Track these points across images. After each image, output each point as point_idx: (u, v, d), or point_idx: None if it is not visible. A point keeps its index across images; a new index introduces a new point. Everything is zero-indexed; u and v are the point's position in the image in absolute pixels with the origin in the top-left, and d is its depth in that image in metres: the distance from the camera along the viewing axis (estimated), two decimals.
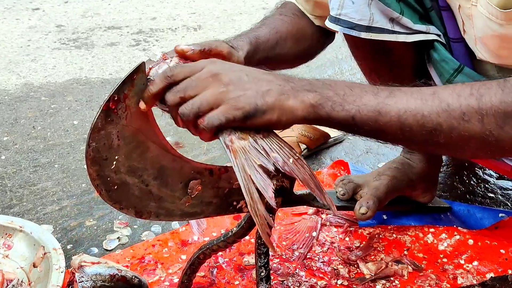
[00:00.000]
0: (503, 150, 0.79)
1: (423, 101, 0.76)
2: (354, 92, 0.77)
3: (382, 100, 0.76)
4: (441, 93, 0.77)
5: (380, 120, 0.76)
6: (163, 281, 1.19)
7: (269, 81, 0.76)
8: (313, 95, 0.76)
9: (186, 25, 2.97)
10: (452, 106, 0.75)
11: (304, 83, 0.78)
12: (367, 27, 1.08)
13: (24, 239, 1.21)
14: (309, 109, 0.76)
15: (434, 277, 1.21)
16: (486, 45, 1.01)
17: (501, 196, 1.55)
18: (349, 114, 0.76)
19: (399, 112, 0.76)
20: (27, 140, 1.81)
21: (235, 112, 0.74)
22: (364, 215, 1.21)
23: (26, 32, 2.78)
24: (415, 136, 0.78)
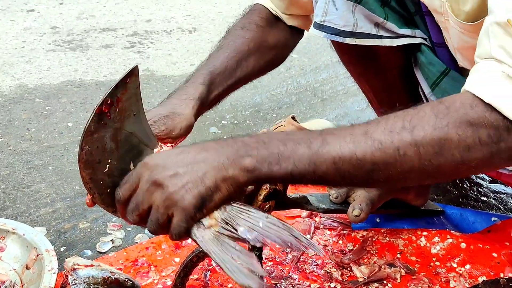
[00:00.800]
0: (446, 175, 0.80)
1: (355, 144, 0.76)
2: (288, 147, 0.77)
3: (315, 151, 0.76)
4: (374, 132, 0.76)
5: (317, 170, 0.77)
6: (156, 284, 1.19)
7: (202, 161, 0.76)
8: (249, 160, 0.76)
9: (181, 27, 2.97)
10: (385, 143, 0.75)
11: (238, 147, 0.77)
12: (352, 32, 1.09)
13: (17, 241, 1.21)
14: (249, 175, 0.77)
15: (427, 280, 1.21)
16: (463, 55, 1.03)
17: (493, 199, 1.56)
18: (286, 171, 0.77)
19: (333, 160, 0.76)
20: (21, 142, 1.81)
21: (188, 211, 0.75)
22: (357, 217, 1.21)
23: (20, 33, 2.78)
24: (355, 178, 0.78)
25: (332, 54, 1.39)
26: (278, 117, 2.00)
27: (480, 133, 0.72)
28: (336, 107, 2.17)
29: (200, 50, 2.69)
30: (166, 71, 2.43)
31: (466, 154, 0.74)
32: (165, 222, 0.77)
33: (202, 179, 0.75)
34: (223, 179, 0.76)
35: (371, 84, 1.24)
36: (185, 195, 0.75)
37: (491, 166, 0.80)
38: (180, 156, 0.78)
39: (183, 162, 0.77)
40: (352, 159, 0.76)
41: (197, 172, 0.75)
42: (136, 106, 0.79)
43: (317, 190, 1.51)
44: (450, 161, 0.74)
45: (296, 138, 0.78)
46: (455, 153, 0.74)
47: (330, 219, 1.39)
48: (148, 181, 0.76)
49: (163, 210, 0.76)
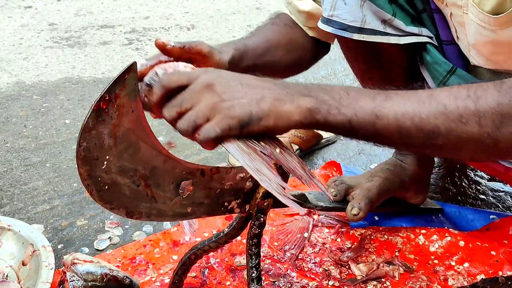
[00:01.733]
0: (500, 152, 0.79)
1: (420, 104, 0.76)
2: (351, 95, 0.77)
3: (379, 103, 0.76)
4: (438, 95, 0.77)
5: (377, 123, 0.76)
6: (154, 281, 1.18)
7: (263, 87, 0.76)
8: (309, 99, 0.76)
9: (179, 24, 2.97)
10: (450, 108, 0.75)
11: (300, 88, 0.77)
12: (360, 28, 1.08)
13: (13, 237, 1.20)
14: (306, 113, 0.76)
15: (425, 278, 1.21)
16: (480, 52, 1.02)
17: (492, 197, 1.56)
18: (345, 117, 0.76)
19: (396, 115, 0.76)
20: (18, 139, 1.80)
21: (230, 121, 0.73)
22: (356, 216, 1.21)
23: (18, 30, 2.77)
24: (412, 139, 0.77)
25: (331, 51, 1.38)
26: None
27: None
28: None
29: None
30: None
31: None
32: (201, 124, 0.74)
33: (258, 101, 0.74)
34: (277, 110, 0.74)
35: (375, 82, 1.24)
36: (235, 106, 0.73)
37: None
38: (243, 76, 0.77)
39: (244, 81, 0.76)
40: (415, 118, 0.75)
41: (256, 93, 0.74)
42: (134, 103, 0.78)
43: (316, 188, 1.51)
44: (507, 138, 0.75)
45: (359, 89, 0.78)
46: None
47: (328, 217, 1.39)
48: (204, 83, 0.75)
49: (206, 112, 0.74)
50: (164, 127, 1.89)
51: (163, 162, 0.84)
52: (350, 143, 1.84)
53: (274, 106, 0.74)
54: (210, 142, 0.75)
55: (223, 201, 0.92)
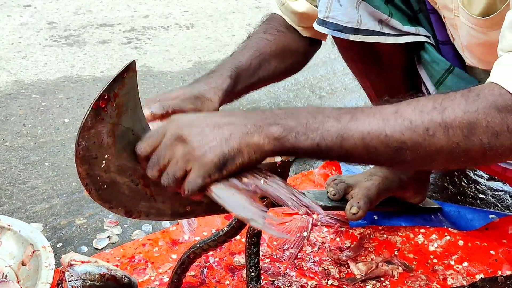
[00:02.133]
0: (473, 160, 0.79)
1: (385, 121, 0.76)
2: (317, 119, 0.77)
3: (344, 125, 0.77)
4: (404, 110, 0.76)
5: (344, 145, 0.77)
6: (153, 280, 1.18)
7: (230, 124, 0.76)
8: (276, 128, 0.76)
9: (179, 23, 2.96)
10: (415, 122, 0.75)
11: (267, 116, 0.78)
12: (355, 29, 1.08)
13: (13, 237, 1.20)
14: (275, 143, 0.77)
15: (424, 277, 1.21)
16: (472, 52, 1.02)
17: (491, 197, 1.56)
18: (313, 142, 0.76)
19: (362, 135, 0.76)
20: (17, 137, 1.80)
21: (207, 168, 0.75)
22: (355, 215, 1.21)
23: (17, 28, 2.76)
24: (381, 156, 0.78)
25: (330, 50, 1.38)
26: None
27: (508, 120, 0.73)
28: (334, 104, 2.17)
29: (198, 46, 2.68)
30: (163, 67, 2.42)
31: (493, 140, 0.74)
32: (181, 177, 0.76)
33: (227, 140, 0.75)
34: (248, 144, 0.76)
35: (373, 82, 1.24)
36: (207, 152, 0.75)
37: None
38: (207, 117, 0.78)
39: (210, 123, 0.77)
40: (381, 136, 0.76)
41: (223, 133, 0.75)
42: (133, 101, 0.78)
43: (315, 187, 1.51)
44: (477, 146, 0.75)
45: (325, 111, 0.78)
46: (483, 138, 0.74)
47: (327, 216, 1.39)
48: (173, 136, 0.76)
49: (182, 164, 0.75)
50: None
51: None
52: None
53: (244, 141, 0.76)
54: (197, 193, 0.77)
55: None
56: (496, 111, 0.74)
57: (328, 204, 1.24)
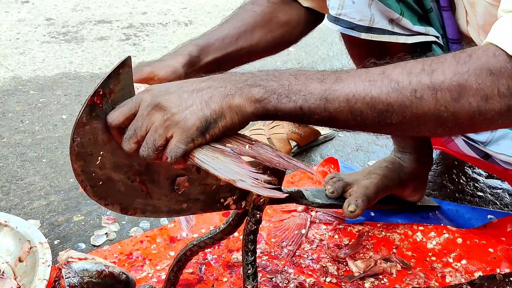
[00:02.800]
0: (462, 125, 0.76)
1: (371, 83, 0.73)
2: (299, 81, 0.74)
3: (329, 87, 0.74)
4: (391, 72, 0.74)
5: (328, 107, 0.74)
6: (151, 277, 1.18)
7: (209, 87, 0.73)
8: (257, 89, 0.73)
9: (177, 20, 2.96)
10: (402, 84, 0.72)
11: (247, 78, 0.75)
12: (368, 27, 1.07)
13: (10, 234, 1.20)
14: (256, 105, 0.74)
15: (423, 275, 1.21)
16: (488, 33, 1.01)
17: (490, 195, 1.55)
18: (296, 104, 0.74)
19: (347, 96, 0.73)
20: (14, 134, 1.79)
21: (189, 132, 0.72)
22: (353, 213, 1.21)
23: (15, 25, 2.76)
24: (367, 119, 0.75)
25: (329, 48, 1.38)
26: None
27: (500, 83, 0.71)
28: None
29: None
30: None
31: (483, 104, 0.72)
32: (161, 145, 0.72)
33: (207, 103, 0.72)
34: (229, 106, 0.72)
35: None
36: (188, 116, 0.71)
37: (506, 121, 0.76)
38: (185, 83, 0.75)
39: (188, 88, 0.73)
40: (367, 97, 0.73)
41: (203, 96, 0.72)
42: (129, 97, 0.78)
43: (313, 185, 1.51)
44: (466, 110, 0.72)
45: (308, 73, 0.76)
46: (472, 102, 0.72)
47: (326, 214, 1.39)
48: (150, 105, 0.72)
49: (162, 131, 0.72)
50: None
51: None
52: (348, 140, 1.83)
53: (225, 102, 0.72)
54: (180, 160, 0.73)
55: (219, 197, 0.92)
56: (488, 73, 0.71)
57: (326, 202, 1.23)
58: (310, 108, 0.74)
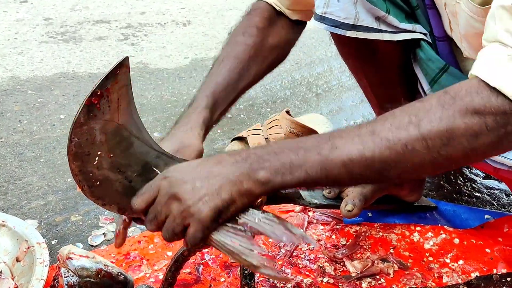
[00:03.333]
0: (458, 163, 0.81)
1: (363, 145, 0.77)
2: (299, 156, 0.79)
3: (326, 157, 0.78)
4: (380, 131, 0.77)
5: (329, 175, 0.78)
6: (148, 277, 1.18)
7: (219, 175, 0.79)
8: (262, 173, 0.79)
9: (176, 20, 2.96)
10: (393, 141, 0.75)
11: (252, 161, 0.79)
12: (353, 25, 1.08)
13: (7, 233, 1.20)
14: (263, 187, 0.79)
15: (420, 275, 1.21)
16: (470, 43, 1.02)
17: (487, 195, 1.56)
18: (299, 179, 0.79)
19: (344, 163, 0.77)
20: (12, 134, 1.79)
21: (205, 223, 0.78)
22: (350, 212, 1.21)
23: (13, 24, 2.76)
24: (368, 178, 0.80)
25: (327, 48, 1.38)
26: (272, 111, 1.99)
27: (487, 119, 0.73)
28: (331, 101, 2.17)
29: (194, 43, 2.67)
30: (159, 64, 2.41)
31: (474, 141, 0.74)
32: (180, 232, 0.80)
33: (218, 192, 0.78)
34: (239, 193, 0.78)
35: (369, 79, 1.24)
36: (202, 207, 0.78)
37: (500, 150, 0.80)
38: (197, 170, 0.80)
39: (200, 176, 0.79)
40: (362, 160, 0.76)
41: (214, 185, 0.78)
42: (127, 98, 0.78)
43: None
44: (459, 150, 0.75)
45: (306, 145, 0.80)
46: (463, 142, 0.74)
47: (323, 214, 1.39)
48: (167, 194, 0.79)
49: (179, 221, 0.79)
50: (159, 123, 1.88)
51: (156, 158, 0.84)
52: None
53: (235, 191, 0.78)
54: (199, 244, 0.81)
55: None
56: (473, 112, 0.73)
57: (323, 202, 1.24)
58: (313, 179, 0.79)
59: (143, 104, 2.01)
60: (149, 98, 2.07)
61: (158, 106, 2.02)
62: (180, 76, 2.31)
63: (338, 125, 1.94)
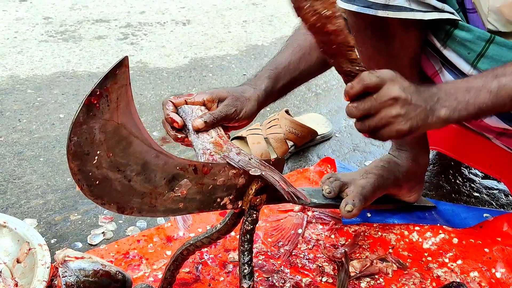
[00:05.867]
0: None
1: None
2: (471, 94, 0.96)
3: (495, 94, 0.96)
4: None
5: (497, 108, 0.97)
6: (147, 276, 1.18)
7: (419, 107, 0.95)
8: (444, 110, 0.96)
9: (175, 19, 2.96)
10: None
11: (436, 99, 0.96)
12: (384, 5, 1.06)
13: (8, 234, 1.20)
14: (443, 123, 0.97)
15: (419, 275, 1.21)
16: (504, 14, 1.06)
17: (486, 195, 1.56)
18: (472, 114, 0.97)
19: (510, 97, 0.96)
20: (12, 133, 1.79)
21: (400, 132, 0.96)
22: (350, 212, 1.21)
23: (13, 23, 2.75)
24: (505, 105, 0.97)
25: None
26: (271, 110, 1.99)
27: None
28: (330, 101, 2.17)
29: (194, 42, 2.67)
30: (159, 63, 2.41)
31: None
32: (378, 129, 0.96)
33: (417, 116, 0.95)
34: (426, 125, 0.96)
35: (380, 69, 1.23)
36: (405, 123, 0.95)
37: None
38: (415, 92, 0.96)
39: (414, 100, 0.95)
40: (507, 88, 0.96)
41: (418, 108, 0.95)
42: (126, 97, 0.78)
43: (310, 185, 1.51)
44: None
45: (476, 85, 0.97)
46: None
47: (322, 214, 1.39)
48: (391, 95, 0.93)
49: (385, 122, 0.94)
50: (158, 122, 1.88)
51: (155, 157, 0.84)
52: (345, 139, 1.83)
53: (425, 122, 0.96)
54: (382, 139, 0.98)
55: (216, 197, 0.92)
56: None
57: (323, 202, 1.24)
58: (484, 111, 0.98)
59: (142, 103, 2.01)
60: (149, 97, 2.07)
61: (158, 105, 2.02)
62: (179, 76, 2.31)
63: (337, 125, 1.94)
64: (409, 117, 0.95)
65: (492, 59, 1.09)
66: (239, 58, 2.55)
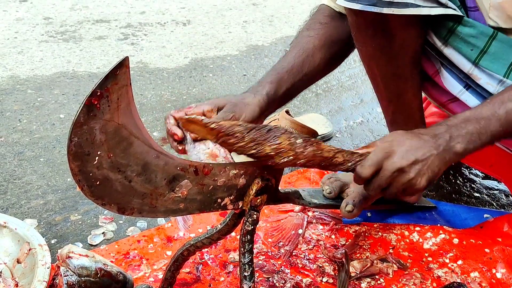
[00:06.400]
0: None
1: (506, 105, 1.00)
2: (482, 124, 0.99)
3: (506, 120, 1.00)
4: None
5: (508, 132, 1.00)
6: (148, 277, 1.18)
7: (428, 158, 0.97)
8: (459, 146, 0.99)
9: (175, 19, 2.96)
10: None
11: (448, 137, 0.98)
12: (389, 2, 1.06)
13: (8, 235, 1.20)
14: (461, 157, 1.00)
15: (419, 275, 1.21)
16: (505, 9, 1.06)
17: (486, 195, 1.56)
18: (486, 143, 1.00)
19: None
20: (12, 133, 1.79)
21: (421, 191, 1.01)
22: (350, 213, 1.21)
23: (13, 24, 2.75)
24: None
25: None
26: None
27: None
28: (330, 101, 2.17)
29: (194, 42, 2.67)
30: (159, 64, 2.41)
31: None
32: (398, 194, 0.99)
33: (430, 166, 0.97)
34: (444, 165, 0.98)
35: (381, 69, 1.22)
36: (421, 180, 0.97)
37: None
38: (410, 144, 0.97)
39: (415, 153, 0.96)
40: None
41: (428, 160, 0.97)
42: (126, 98, 0.78)
43: (311, 185, 1.51)
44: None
45: (484, 115, 1.00)
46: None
47: (323, 214, 1.39)
48: (395, 167, 0.95)
49: (401, 189, 0.97)
50: (159, 123, 1.88)
51: (156, 158, 0.84)
52: (345, 139, 1.83)
53: (442, 165, 0.99)
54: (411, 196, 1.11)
55: (216, 198, 0.92)
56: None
57: (323, 202, 1.24)
58: (497, 138, 1.02)
59: (143, 103, 2.01)
60: (149, 98, 2.07)
61: (158, 105, 2.02)
62: (180, 76, 2.31)
63: (337, 125, 1.94)
64: (422, 174, 0.96)
65: (494, 57, 1.09)
66: (239, 58, 2.55)
